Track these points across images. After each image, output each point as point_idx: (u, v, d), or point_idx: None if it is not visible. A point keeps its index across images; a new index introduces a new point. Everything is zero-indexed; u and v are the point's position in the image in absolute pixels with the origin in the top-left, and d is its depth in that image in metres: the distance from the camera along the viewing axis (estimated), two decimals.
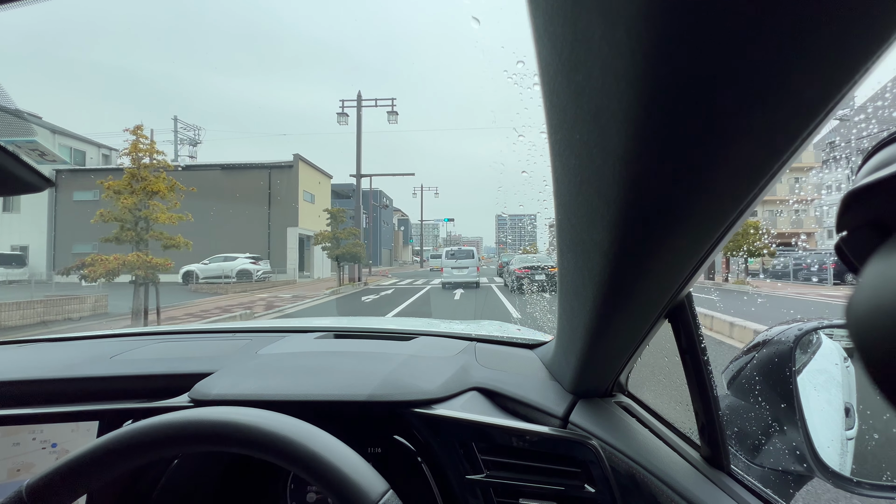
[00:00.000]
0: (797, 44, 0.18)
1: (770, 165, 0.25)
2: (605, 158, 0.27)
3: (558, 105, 0.27)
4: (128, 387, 0.82)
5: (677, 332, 0.55)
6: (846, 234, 0.19)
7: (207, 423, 0.46)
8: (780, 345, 0.71)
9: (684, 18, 0.18)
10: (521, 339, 1.03)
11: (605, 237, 0.34)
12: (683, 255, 0.36)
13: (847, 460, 0.68)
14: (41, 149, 0.44)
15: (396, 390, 0.72)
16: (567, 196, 0.35)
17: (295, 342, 1.02)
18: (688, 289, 0.47)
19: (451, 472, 0.67)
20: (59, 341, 1.09)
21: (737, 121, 0.22)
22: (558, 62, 0.24)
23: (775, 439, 0.68)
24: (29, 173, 0.36)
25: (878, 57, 0.18)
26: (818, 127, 0.22)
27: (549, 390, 0.75)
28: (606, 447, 0.63)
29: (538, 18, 0.23)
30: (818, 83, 0.20)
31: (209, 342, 1.06)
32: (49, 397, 0.78)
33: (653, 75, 0.20)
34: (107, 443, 0.45)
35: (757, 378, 0.72)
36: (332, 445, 0.46)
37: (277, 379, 0.77)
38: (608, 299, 0.43)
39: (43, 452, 0.71)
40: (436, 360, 0.88)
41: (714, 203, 0.29)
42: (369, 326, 1.29)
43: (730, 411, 0.72)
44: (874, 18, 0.17)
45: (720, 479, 0.56)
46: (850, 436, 0.71)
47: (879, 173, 0.17)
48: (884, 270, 0.15)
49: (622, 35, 0.19)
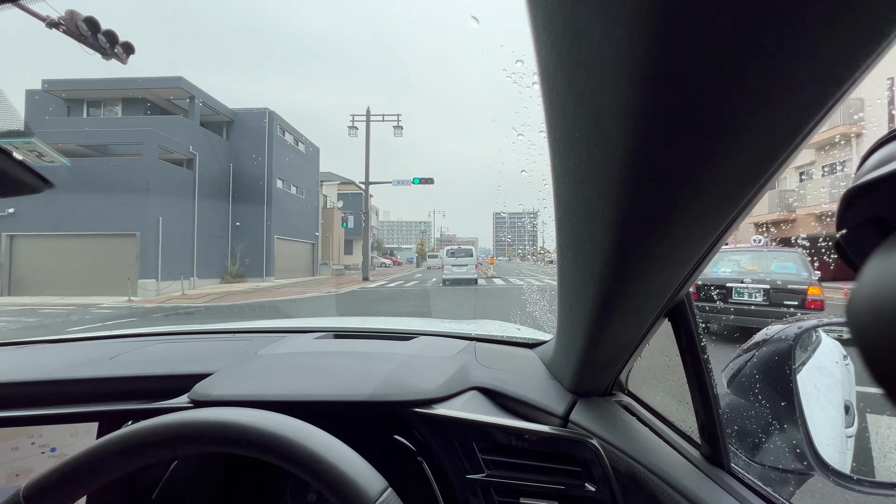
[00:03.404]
0: (797, 43, 0.18)
1: (770, 165, 0.25)
2: (605, 157, 0.26)
3: (558, 104, 0.27)
4: (127, 388, 0.81)
5: (677, 330, 0.55)
6: (846, 231, 0.19)
7: (203, 424, 0.46)
8: (779, 343, 0.71)
9: (684, 17, 0.17)
10: (520, 338, 1.03)
11: (605, 236, 0.33)
12: (683, 253, 0.36)
13: (847, 458, 0.68)
14: (39, 150, 0.44)
15: (396, 390, 0.72)
16: (567, 195, 0.35)
17: (295, 342, 1.02)
18: (688, 288, 0.47)
19: (451, 472, 0.67)
20: (58, 342, 1.09)
21: (736, 120, 0.22)
22: (558, 61, 0.24)
23: (775, 437, 0.68)
24: (27, 174, 0.36)
25: (878, 57, 0.18)
26: (818, 127, 0.22)
27: (550, 389, 0.75)
28: (607, 446, 0.63)
29: (537, 17, 0.23)
30: (818, 83, 0.20)
31: (209, 343, 1.06)
32: (48, 399, 0.77)
33: (653, 74, 0.20)
34: (104, 445, 0.45)
35: (757, 376, 0.72)
36: (330, 444, 0.46)
37: (277, 379, 0.77)
38: (608, 298, 0.43)
39: (42, 457, 0.71)
40: (436, 360, 0.88)
41: (714, 202, 0.29)
42: (369, 326, 1.29)
43: (730, 409, 0.72)
44: (874, 18, 0.17)
45: (720, 478, 0.56)
46: (849, 433, 0.71)
47: (880, 171, 0.17)
48: (884, 268, 0.15)
49: (622, 33, 0.19)
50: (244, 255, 18.18)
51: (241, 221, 18.79)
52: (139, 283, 13.62)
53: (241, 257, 18.13)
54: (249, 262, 18.43)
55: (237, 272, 17.92)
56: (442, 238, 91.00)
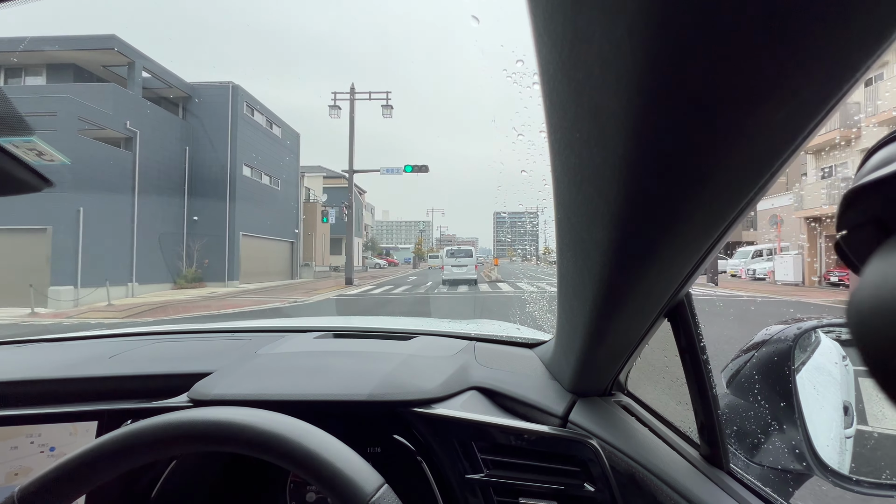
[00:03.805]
0: (797, 43, 0.18)
1: (770, 165, 0.25)
2: (605, 157, 0.26)
3: (558, 104, 0.27)
4: (127, 387, 0.81)
5: (677, 331, 0.55)
6: (847, 232, 0.19)
7: (201, 424, 0.46)
8: (779, 344, 0.71)
9: (684, 17, 0.17)
10: (520, 338, 1.03)
11: (605, 236, 0.34)
12: (683, 254, 0.36)
13: (846, 458, 0.68)
14: (39, 148, 0.44)
15: (396, 390, 0.72)
16: (567, 195, 0.35)
17: (294, 342, 1.02)
18: (687, 288, 0.47)
19: (450, 472, 0.67)
20: (58, 341, 1.09)
21: (736, 120, 0.22)
22: (558, 61, 0.24)
23: (774, 438, 0.68)
24: (27, 173, 0.36)
25: (878, 57, 0.18)
26: (818, 127, 0.22)
27: (549, 389, 0.75)
28: (606, 446, 0.63)
29: (538, 17, 0.23)
30: (818, 83, 0.20)
31: (208, 342, 1.06)
32: (48, 397, 0.77)
33: (653, 74, 0.20)
34: (102, 445, 0.45)
35: (756, 377, 0.72)
36: (326, 442, 0.46)
37: (277, 379, 0.77)
38: (608, 298, 0.43)
39: (41, 456, 0.70)
40: (435, 360, 0.88)
41: (714, 202, 0.29)
42: (369, 326, 1.29)
43: (729, 410, 0.72)
44: (874, 18, 0.17)
45: (719, 478, 0.56)
46: (848, 434, 0.71)
47: (880, 172, 0.17)
48: (885, 269, 0.15)
49: (622, 33, 0.19)
50: (202, 255, 15.08)
51: (199, 215, 15.67)
52: (50, 290, 10.75)
53: (200, 258, 15.05)
54: (209, 263, 15.36)
55: (194, 275, 14.94)
56: (441, 238, 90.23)
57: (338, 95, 16.34)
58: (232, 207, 16.26)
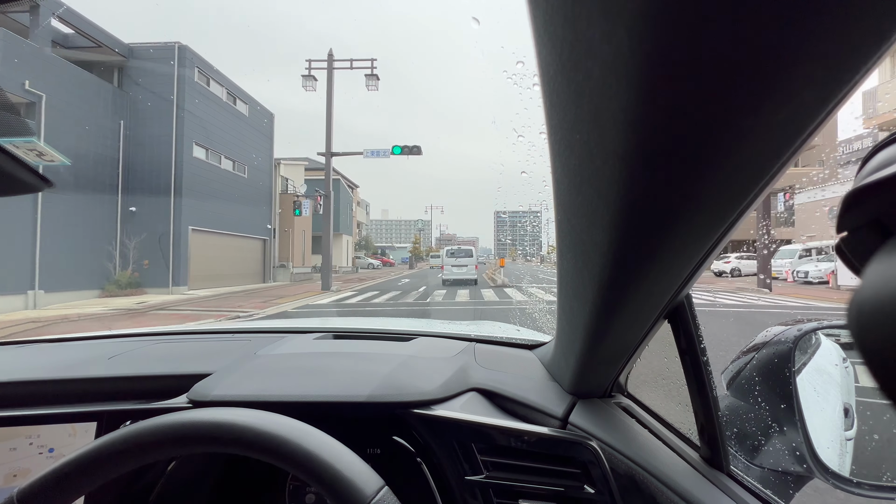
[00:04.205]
0: (798, 44, 0.18)
1: (770, 166, 0.25)
2: (605, 159, 0.26)
3: (558, 105, 0.27)
4: (126, 388, 0.81)
5: (677, 332, 0.55)
6: (847, 234, 0.19)
7: (200, 425, 0.46)
8: (779, 345, 0.71)
9: (685, 18, 0.17)
10: (520, 339, 1.03)
11: (605, 238, 0.33)
12: (683, 255, 0.36)
13: (846, 461, 0.68)
14: (39, 149, 0.44)
15: (395, 391, 0.72)
16: (567, 196, 0.35)
17: (294, 343, 1.02)
18: (688, 289, 0.47)
19: (450, 473, 0.67)
20: (57, 342, 1.09)
21: (737, 121, 0.22)
22: (558, 62, 0.24)
23: (775, 440, 0.68)
24: (27, 174, 0.36)
25: (879, 57, 0.18)
26: (818, 127, 0.22)
27: (549, 391, 0.75)
28: (606, 448, 0.63)
29: (538, 18, 0.23)
30: (818, 83, 0.20)
31: (208, 343, 1.06)
32: (47, 398, 0.77)
33: (652, 75, 0.20)
34: (101, 447, 0.45)
35: (756, 379, 0.72)
36: (326, 444, 0.46)
37: (277, 380, 0.77)
38: (608, 300, 0.43)
39: (40, 457, 0.70)
40: (435, 361, 0.87)
41: (714, 203, 0.29)
42: (368, 327, 1.29)
43: (729, 412, 0.72)
44: (874, 18, 0.17)
45: (720, 480, 0.56)
46: (849, 436, 0.71)
47: (880, 174, 0.17)
48: (885, 271, 0.15)
49: (623, 35, 0.19)
50: (141, 254, 12.39)
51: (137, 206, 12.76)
52: None
53: (138, 258, 12.38)
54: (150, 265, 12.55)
55: (129, 280, 12.21)
56: (441, 237, 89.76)
57: (313, 64, 13.21)
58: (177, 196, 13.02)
